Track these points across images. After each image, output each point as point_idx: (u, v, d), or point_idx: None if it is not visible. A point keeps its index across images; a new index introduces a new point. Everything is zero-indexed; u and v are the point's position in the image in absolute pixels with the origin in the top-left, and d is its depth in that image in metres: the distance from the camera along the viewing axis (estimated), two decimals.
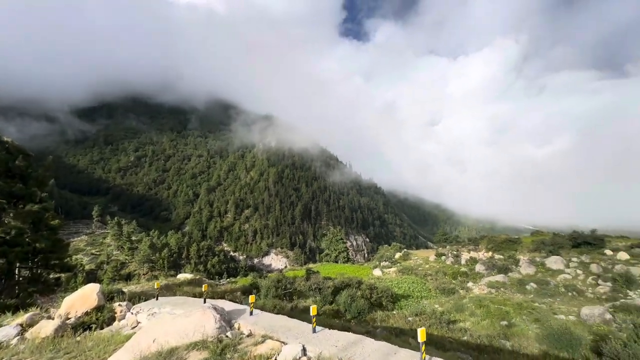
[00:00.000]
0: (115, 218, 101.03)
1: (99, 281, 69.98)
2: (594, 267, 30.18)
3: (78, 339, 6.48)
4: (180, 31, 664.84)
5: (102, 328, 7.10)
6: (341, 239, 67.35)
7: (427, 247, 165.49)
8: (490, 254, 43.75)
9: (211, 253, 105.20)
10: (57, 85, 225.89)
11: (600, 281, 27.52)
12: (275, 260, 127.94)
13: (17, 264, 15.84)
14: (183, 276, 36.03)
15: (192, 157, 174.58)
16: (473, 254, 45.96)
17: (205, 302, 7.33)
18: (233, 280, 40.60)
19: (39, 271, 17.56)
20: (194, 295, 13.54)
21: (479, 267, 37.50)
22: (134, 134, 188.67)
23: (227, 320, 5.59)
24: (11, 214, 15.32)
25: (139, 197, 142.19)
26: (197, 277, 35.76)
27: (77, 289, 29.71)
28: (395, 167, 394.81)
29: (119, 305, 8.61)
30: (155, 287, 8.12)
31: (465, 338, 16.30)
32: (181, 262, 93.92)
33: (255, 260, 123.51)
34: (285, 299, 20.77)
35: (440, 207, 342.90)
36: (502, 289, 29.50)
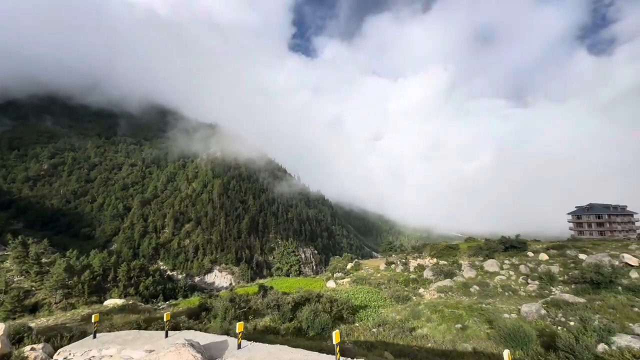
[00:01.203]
0: (20, 237, 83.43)
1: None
2: (522, 268, 34.04)
3: None
4: (112, 28, 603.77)
5: None
6: (293, 251, 65.63)
7: (372, 257, 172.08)
8: (435, 260, 46.67)
9: (144, 273, 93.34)
10: None
11: (529, 280, 31.03)
12: (220, 278, 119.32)
13: None
14: (112, 302, 30.78)
15: (124, 166, 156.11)
16: (420, 261, 48.54)
17: (167, 335, 5.72)
18: (174, 302, 36.10)
19: None
20: (139, 327, 11.15)
21: (427, 273, 39.52)
22: (49, 138, 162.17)
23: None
24: None
25: (53, 212, 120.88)
26: (131, 302, 30.81)
27: None
28: (342, 179, 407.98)
29: (32, 349, 6.38)
30: (93, 320, 6.19)
31: (430, 345, 16.43)
32: (106, 286, 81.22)
33: (197, 279, 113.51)
34: (242, 319, 18.71)
35: (383, 218, 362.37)
36: (450, 292, 31.30)
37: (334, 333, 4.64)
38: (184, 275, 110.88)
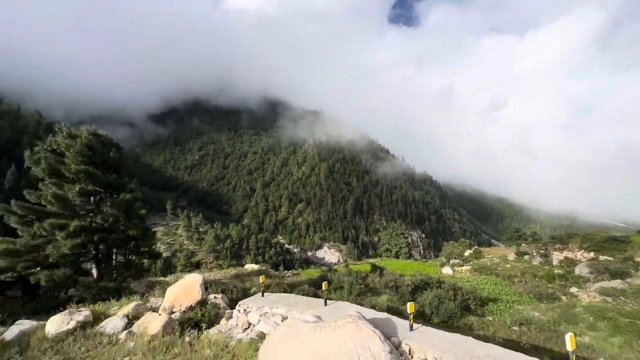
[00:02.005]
0: (185, 211, 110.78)
1: (174, 268, 76.80)
2: None
3: (188, 339, 5.48)
4: (234, 35, 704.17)
5: (209, 327, 6.07)
6: (402, 233, 63.77)
7: (491, 245, 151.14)
8: (591, 254, 36.78)
9: (268, 245, 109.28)
10: (136, 95, 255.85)
11: None
12: (329, 254, 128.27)
13: (114, 250, 16.72)
14: (250, 266, 36.84)
15: (248, 154, 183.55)
16: (566, 253, 39.24)
17: (326, 303, 5.83)
18: (296, 272, 40.48)
19: (131, 257, 18.56)
20: (285, 291, 12.49)
21: (580, 270, 31.53)
22: (198, 135, 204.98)
23: (387, 338, 3.97)
24: (108, 203, 16.10)
25: (204, 193, 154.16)
26: (264, 268, 36.25)
27: (157, 274, 31.59)
28: (452, 158, 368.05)
29: (215, 297, 7.69)
30: (261, 281, 6.87)
31: None
32: (242, 253, 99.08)
33: (309, 253, 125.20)
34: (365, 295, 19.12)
35: (505, 201, 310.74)
36: (621, 297, 24.04)
37: (568, 338, 3.63)
38: (299, 249, 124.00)
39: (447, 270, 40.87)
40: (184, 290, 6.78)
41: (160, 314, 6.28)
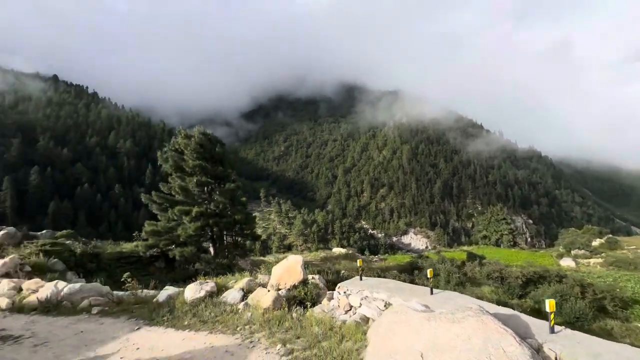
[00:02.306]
0: (276, 199, 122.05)
1: (269, 249, 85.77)
2: None
3: (295, 315, 5.82)
4: (309, 27, 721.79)
5: (312, 305, 6.36)
6: (503, 219, 55.91)
7: (630, 234, 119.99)
8: None
9: (352, 230, 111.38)
10: (231, 97, 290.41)
11: None
12: (415, 240, 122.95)
13: (224, 232, 19.43)
14: (338, 250, 38.14)
15: (328, 142, 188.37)
16: None
17: (432, 292, 5.37)
18: (382, 257, 40.10)
19: (237, 239, 21.34)
20: (379, 275, 12.39)
21: None
22: (282, 128, 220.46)
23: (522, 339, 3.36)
24: (217, 192, 18.68)
25: (290, 181, 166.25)
26: (350, 252, 37.08)
27: (256, 254, 35.43)
28: (570, 128, 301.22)
29: (313, 278, 8.00)
30: (358, 264, 6.80)
31: None
32: (327, 237, 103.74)
33: (394, 239, 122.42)
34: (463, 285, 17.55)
35: None
36: None
37: None
38: (383, 234, 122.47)
39: (567, 263, 34.22)
40: (287, 270, 7.29)
41: (269, 290, 6.91)
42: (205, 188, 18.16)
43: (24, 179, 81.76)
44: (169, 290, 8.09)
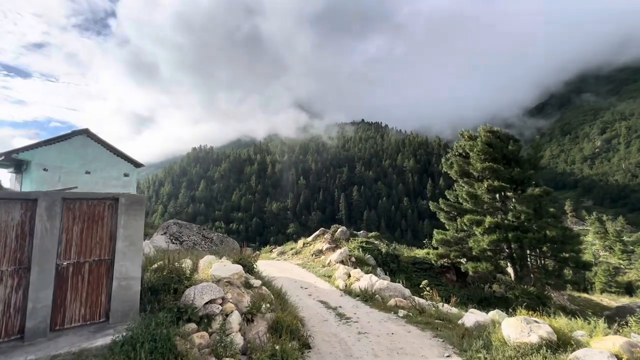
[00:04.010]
0: (594, 213, 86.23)
1: (591, 283, 61.21)
2: None
3: None
4: None
5: None
6: None
7: None
8: None
9: None
10: (509, 95, 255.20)
11: None
12: None
13: (528, 251, 15.14)
14: None
15: None
16: None
17: None
18: None
19: (545, 262, 15.95)
20: None
21: None
22: (594, 115, 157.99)
23: None
24: (513, 199, 15.05)
25: (619, 188, 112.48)
26: None
27: (570, 289, 24.61)
28: None
29: None
30: None
31: None
32: None
33: None
34: None
35: None
36: None
37: None
38: None
39: None
40: None
41: None
42: (498, 194, 15.16)
43: (349, 195, 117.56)
44: (475, 314, 6.51)
